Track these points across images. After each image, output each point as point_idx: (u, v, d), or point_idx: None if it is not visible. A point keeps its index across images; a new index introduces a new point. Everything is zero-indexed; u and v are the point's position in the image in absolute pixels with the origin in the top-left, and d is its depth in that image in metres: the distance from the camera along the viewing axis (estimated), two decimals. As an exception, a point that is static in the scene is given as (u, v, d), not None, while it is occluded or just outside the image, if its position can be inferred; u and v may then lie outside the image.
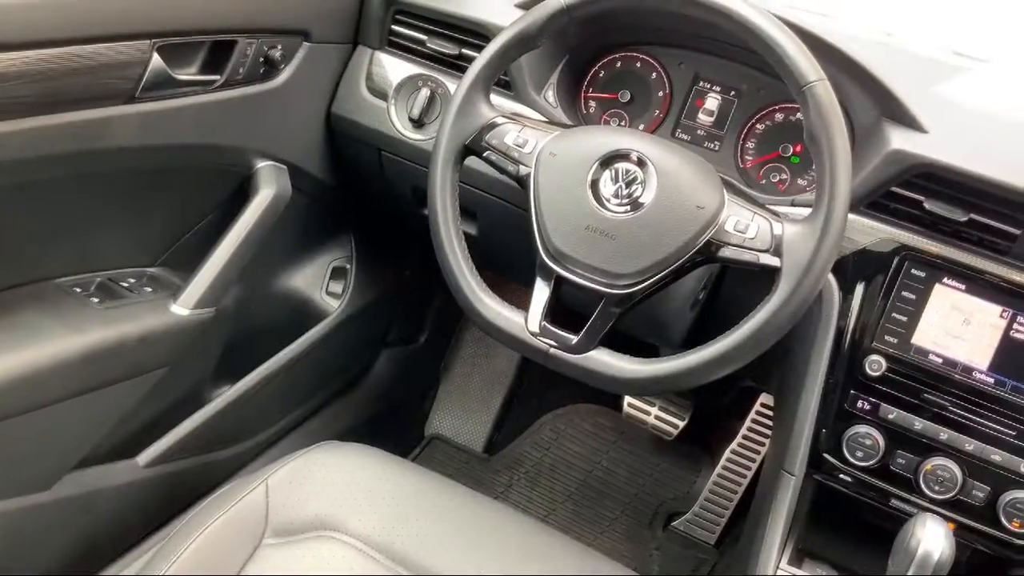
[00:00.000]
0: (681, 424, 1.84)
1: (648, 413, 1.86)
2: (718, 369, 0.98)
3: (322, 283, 1.59)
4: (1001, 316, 1.04)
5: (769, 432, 1.78)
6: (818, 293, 0.97)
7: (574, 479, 1.96)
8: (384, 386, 1.85)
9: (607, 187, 1.01)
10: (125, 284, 1.24)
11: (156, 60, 1.07)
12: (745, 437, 1.86)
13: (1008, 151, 1.08)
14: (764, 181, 1.25)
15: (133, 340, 1.17)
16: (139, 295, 1.24)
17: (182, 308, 1.24)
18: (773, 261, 0.96)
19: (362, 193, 1.55)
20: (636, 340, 1.25)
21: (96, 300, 1.19)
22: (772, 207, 1.03)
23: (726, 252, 0.98)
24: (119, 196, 1.19)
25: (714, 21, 0.98)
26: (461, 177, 1.11)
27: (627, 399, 1.86)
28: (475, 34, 1.28)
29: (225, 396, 1.41)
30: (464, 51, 1.30)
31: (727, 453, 1.87)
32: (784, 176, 1.24)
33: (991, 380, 1.05)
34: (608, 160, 1.02)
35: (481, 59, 1.07)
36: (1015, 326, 1.04)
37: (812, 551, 1.22)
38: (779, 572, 1.14)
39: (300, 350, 1.54)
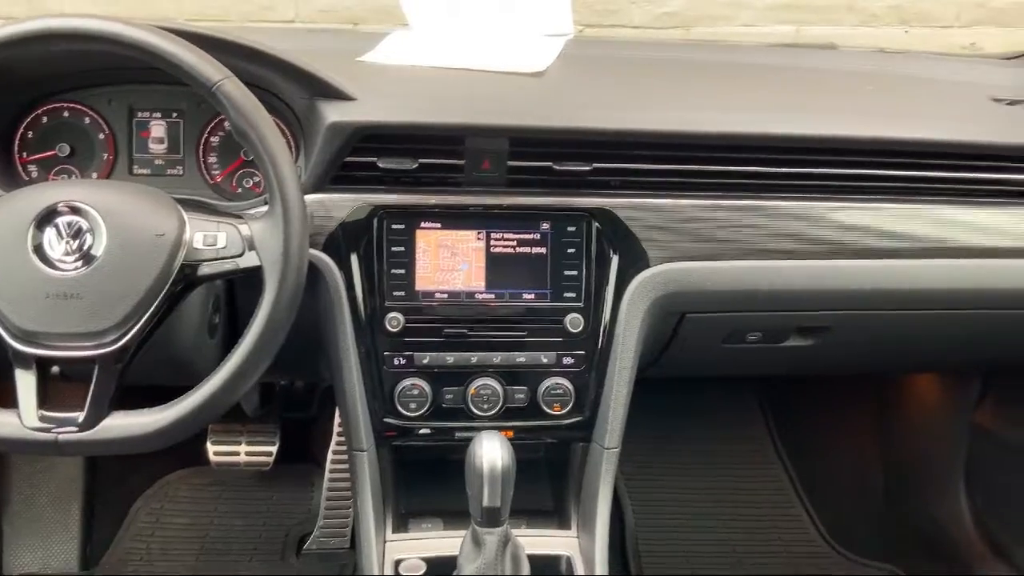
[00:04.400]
0: (273, 449, 1.81)
1: (237, 453, 1.80)
2: (241, 384, 0.96)
3: None
4: (478, 238, 1.15)
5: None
6: (306, 275, 0.98)
7: (192, 550, 1.83)
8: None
9: (54, 248, 0.93)
10: None
11: None
12: (340, 434, 1.87)
13: (428, 97, 1.19)
14: (240, 189, 1.24)
15: None
16: None
17: None
18: (253, 261, 0.96)
19: None
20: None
21: None
22: (239, 212, 1.02)
23: (205, 269, 0.97)
24: None
25: (108, 51, 0.94)
26: None
27: (210, 448, 1.78)
28: None
29: None
30: None
31: (329, 456, 1.87)
32: (257, 178, 1.24)
33: (492, 296, 1.16)
34: (43, 220, 0.93)
35: None
36: (492, 243, 1.15)
37: (418, 511, 1.27)
38: (387, 542, 1.17)
39: None
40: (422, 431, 1.18)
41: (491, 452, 1.02)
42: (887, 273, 1.22)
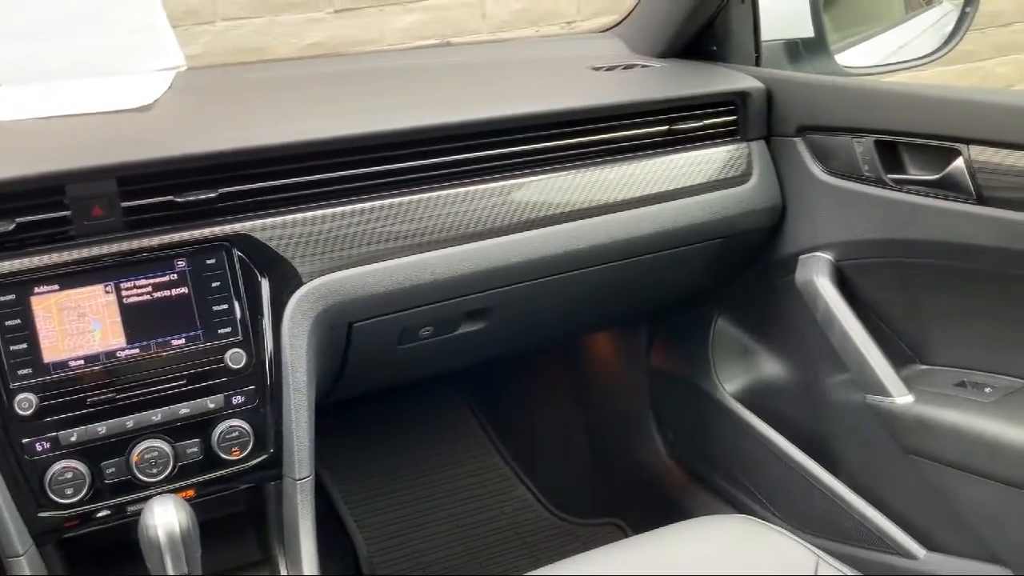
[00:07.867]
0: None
1: None
2: None
3: None
4: (107, 292, 1.05)
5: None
6: None
7: None
8: None
9: None
10: None
11: None
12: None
13: (9, 150, 1.08)
14: None
15: None
16: None
17: None
18: None
19: None
20: None
21: None
22: None
23: None
24: None
25: None
26: None
27: None
28: None
29: None
30: None
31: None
32: None
33: (136, 349, 1.06)
34: None
35: None
36: (123, 293, 1.05)
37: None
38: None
39: None
40: (95, 518, 1.06)
41: (164, 518, 0.94)
42: (541, 242, 1.27)
